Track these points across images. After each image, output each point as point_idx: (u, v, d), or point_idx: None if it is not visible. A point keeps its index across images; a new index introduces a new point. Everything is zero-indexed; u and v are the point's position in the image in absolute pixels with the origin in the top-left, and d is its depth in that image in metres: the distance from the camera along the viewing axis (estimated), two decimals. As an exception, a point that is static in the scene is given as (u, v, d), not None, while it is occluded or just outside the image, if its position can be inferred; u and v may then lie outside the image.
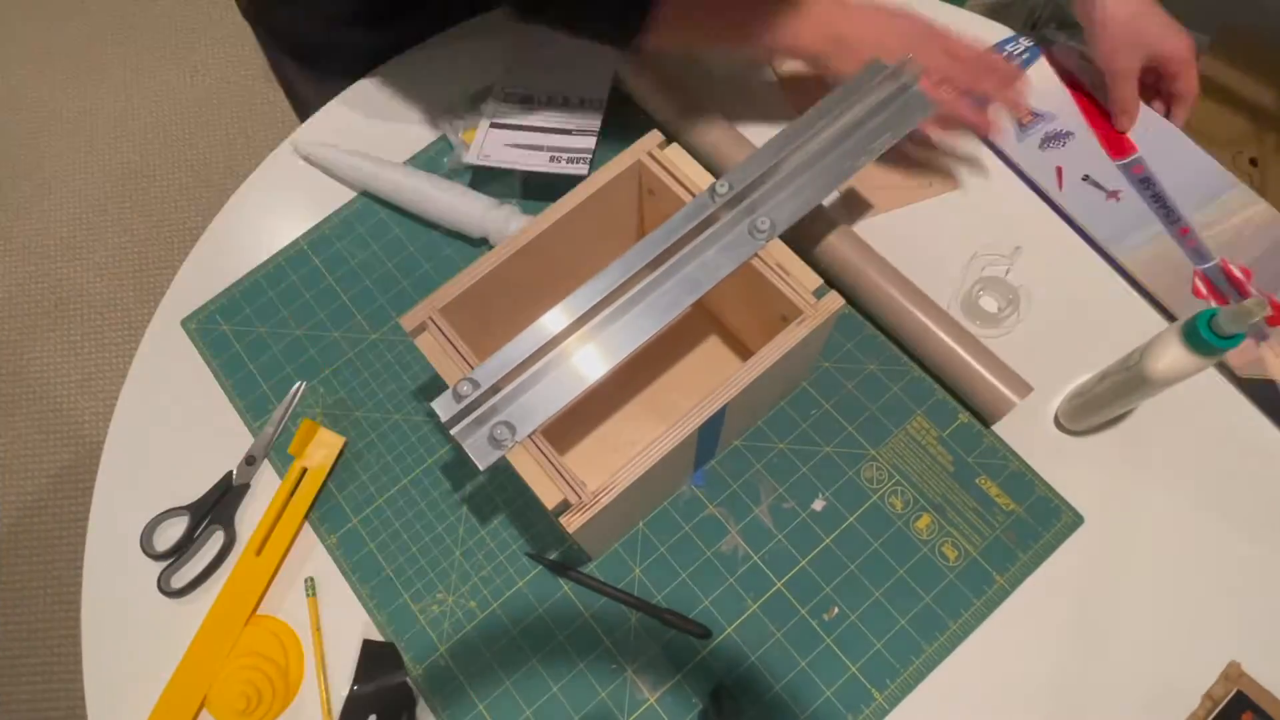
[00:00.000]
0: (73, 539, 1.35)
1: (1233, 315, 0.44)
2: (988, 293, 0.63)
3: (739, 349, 0.63)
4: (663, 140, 0.54)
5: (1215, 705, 0.51)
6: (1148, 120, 0.68)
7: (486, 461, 0.45)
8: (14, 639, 1.29)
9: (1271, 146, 1.13)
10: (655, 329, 0.47)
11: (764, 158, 0.51)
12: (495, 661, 0.55)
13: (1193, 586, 0.55)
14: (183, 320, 0.67)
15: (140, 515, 0.60)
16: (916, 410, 0.60)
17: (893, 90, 0.55)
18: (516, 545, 0.58)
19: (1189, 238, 0.62)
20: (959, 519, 0.57)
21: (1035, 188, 0.67)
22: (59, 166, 1.66)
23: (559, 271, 0.57)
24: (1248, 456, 0.58)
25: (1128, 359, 0.51)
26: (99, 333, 1.50)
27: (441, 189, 0.67)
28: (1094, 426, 0.58)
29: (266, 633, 0.56)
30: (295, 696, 0.55)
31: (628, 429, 0.61)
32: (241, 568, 0.58)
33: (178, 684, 0.55)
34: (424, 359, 0.64)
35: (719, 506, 0.58)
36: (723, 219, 0.50)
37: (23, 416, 1.44)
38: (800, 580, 0.56)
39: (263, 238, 0.70)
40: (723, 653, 0.55)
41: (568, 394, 0.46)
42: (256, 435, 0.63)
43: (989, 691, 0.53)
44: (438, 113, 0.74)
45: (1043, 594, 0.55)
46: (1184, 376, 0.48)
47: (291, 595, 0.58)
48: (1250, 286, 0.61)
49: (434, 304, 0.50)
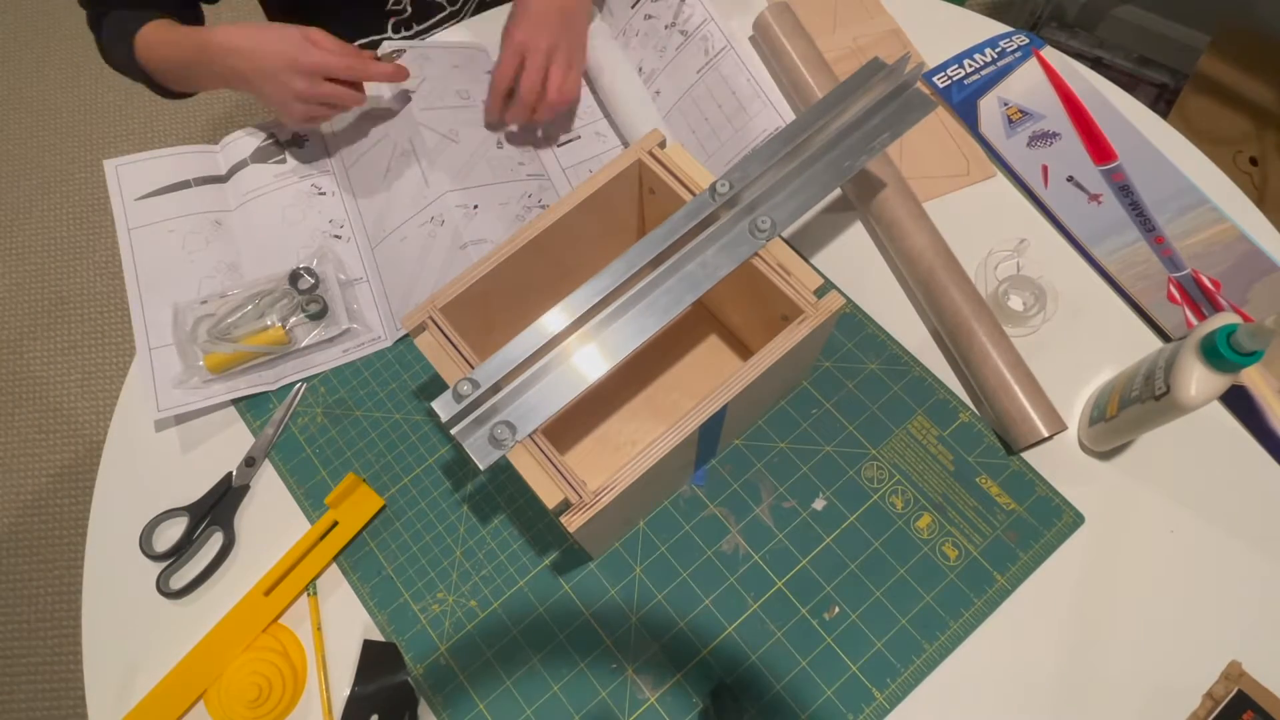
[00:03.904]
0: (73, 539, 1.35)
1: (1252, 333, 0.44)
2: (1015, 291, 0.63)
3: (739, 348, 0.63)
4: (663, 139, 0.54)
5: (1216, 705, 0.51)
6: (1129, 132, 0.69)
7: (487, 461, 0.45)
8: (14, 638, 1.29)
9: (1271, 146, 1.13)
10: (656, 328, 0.47)
11: (764, 157, 0.51)
12: (496, 661, 0.55)
13: (1193, 586, 0.55)
14: (183, 320, 0.67)
15: (140, 515, 0.60)
16: (917, 410, 0.60)
17: (891, 89, 0.55)
18: (517, 545, 0.58)
19: (1164, 246, 0.64)
20: (959, 518, 0.57)
21: (1022, 183, 0.68)
22: (59, 166, 1.66)
23: (559, 271, 0.57)
24: (1248, 457, 0.58)
25: (1146, 386, 0.51)
26: (99, 333, 1.50)
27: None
28: (1117, 447, 0.59)
29: (272, 639, 0.56)
30: (301, 699, 0.55)
31: (628, 428, 0.61)
32: (246, 604, 0.57)
33: (162, 701, 0.54)
34: (424, 358, 0.64)
35: (720, 506, 0.58)
36: (723, 218, 0.50)
37: (23, 416, 1.43)
38: (801, 580, 0.56)
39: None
40: (723, 652, 0.55)
41: (568, 393, 0.46)
42: (256, 436, 0.63)
43: (990, 691, 0.53)
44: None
45: (1043, 593, 0.55)
46: (1214, 397, 0.48)
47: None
48: (1219, 297, 0.62)
49: (434, 304, 0.50)
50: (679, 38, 0.73)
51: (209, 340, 0.63)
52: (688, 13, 0.73)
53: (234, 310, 0.64)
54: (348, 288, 0.67)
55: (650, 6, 0.75)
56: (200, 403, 0.63)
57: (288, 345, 0.63)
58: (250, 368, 0.64)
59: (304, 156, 0.72)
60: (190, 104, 1.71)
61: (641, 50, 0.74)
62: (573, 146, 0.72)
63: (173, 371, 0.63)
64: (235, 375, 0.64)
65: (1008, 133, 0.70)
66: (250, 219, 0.70)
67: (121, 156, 0.70)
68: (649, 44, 0.74)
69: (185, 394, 0.63)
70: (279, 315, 0.64)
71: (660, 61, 0.73)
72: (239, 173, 0.72)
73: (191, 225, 0.69)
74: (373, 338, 0.65)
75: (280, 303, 0.64)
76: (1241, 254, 0.64)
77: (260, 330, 0.63)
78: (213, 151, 0.73)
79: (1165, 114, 1.19)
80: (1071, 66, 0.73)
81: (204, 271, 0.67)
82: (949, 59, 0.74)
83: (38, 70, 1.77)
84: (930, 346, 0.63)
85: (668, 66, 0.73)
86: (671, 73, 0.72)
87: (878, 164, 0.65)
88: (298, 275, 0.65)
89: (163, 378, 0.63)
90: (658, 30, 0.74)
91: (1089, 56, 1.36)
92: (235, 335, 0.63)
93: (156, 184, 0.70)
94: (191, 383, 0.63)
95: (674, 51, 0.73)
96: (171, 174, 0.71)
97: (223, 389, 0.63)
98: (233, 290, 0.66)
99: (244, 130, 0.73)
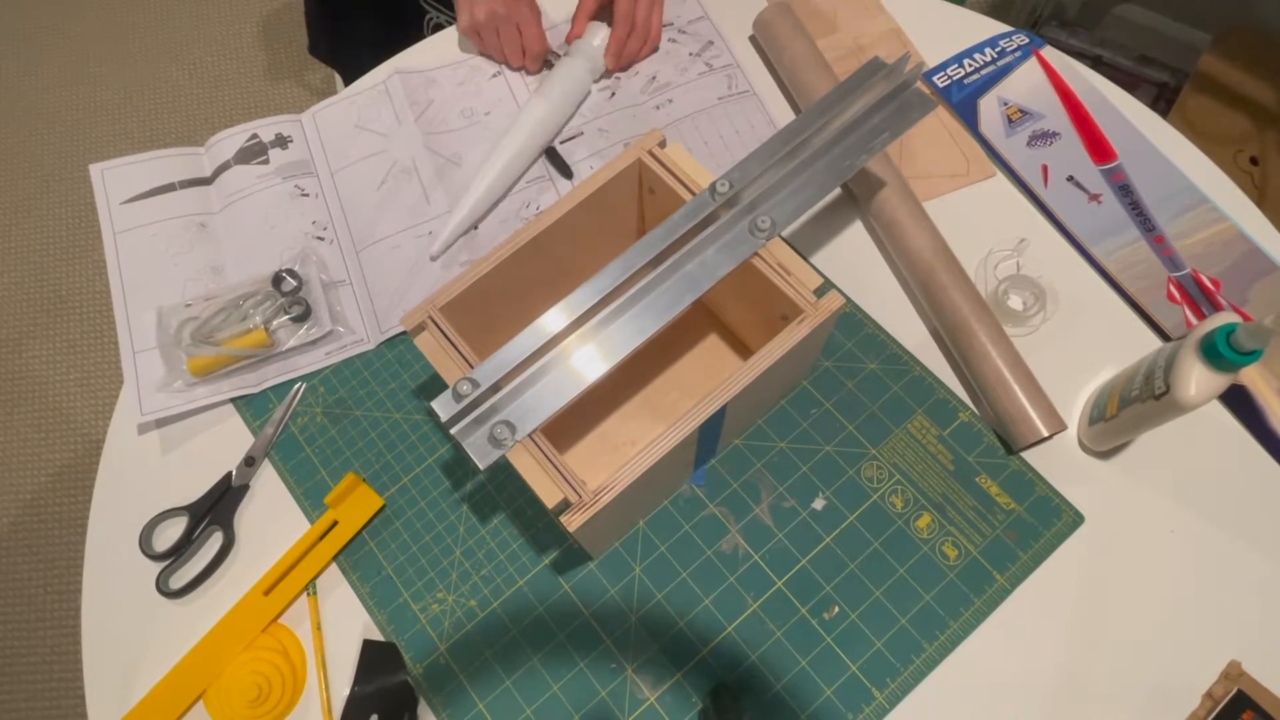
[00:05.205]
0: (73, 538, 1.35)
1: (1251, 332, 0.44)
2: (1015, 291, 0.63)
3: (739, 348, 0.62)
4: (663, 139, 0.54)
5: (1216, 704, 0.51)
6: (1129, 131, 0.69)
7: (486, 461, 0.45)
8: (14, 637, 1.29)
9: (1272, 145, 1.13)
10: (655, 328, 0.47)
11: (764, 156, 0.51)
12: (496, 661, 0.55)
13: (1193, 585, 0.55)
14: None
15: (140, 515, 0.60)
16: (917, 409, 0.60)
17: (891, 88, 0.55)
18: (516, 545, 0.58)
19: (1164, 246, 0.64)
20: (959, 518, 0.57)
21: (1022, 183, 0.68)
22: (59, 166, 1.66)
23: (559, 271, 0.57)
24: (1248, 457, 0.58)
25: (1146, 385, 0.51)
26: (98, 332, 1.50)
27: (549, 92, 0.70)
28: (1117, 447, 0.59)
29: (272, 638, 0.56)
30: (300, 699, 0.55)
31: (628, 428, 0.61)
32: (246, 604, 0.57)
33: (162, 701, 0.54)
34: (424, 358, 0.64)
35: (719, 505, 0.58)
36: (723, 217, 0.50)
37: (22, 416, 1.43)
38: (800, 579, 0.56)
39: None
40: (722, 652, 0.55)
41: (568, 393, 0.46)
42: (256, 436, 0.63)
43: (990, 690, 0.53)
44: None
45: (1043, 593, 0.55)
46: (1214, 396, 0.48)
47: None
48: (1219, 297, 0.62)
49: (434, 303, 0.50)
50: (703, 67, 0.75)
51: (192, 344, 0.63)
52: (715, 52, 0.76)
53: (217, 313, 0.64)
54: (330, 290, 0.67)
55: (676, 34, 0.77)
56: (184, 406, 0.62)
57: (270, 348, 0.63)
58: (234, 370, 0.64)
59: (287, 157, 0.72)
60: (190, 104, 1.71)
61: (659, 65, 0.76)
62: (573, 144, 0.72)
63: (157, 375, 0.63)
64: (219, 378, 0.64)
65: (1007, 132, 0.70)
66: (234, 221, 0.70)
67: (106, 161, 0.70)
68: (669, 60, 0.76)
69: (169, 397, 0.63)
70: (262, 317, 0.64)
71: (680, 78, 0.75)
72: (223, 174, 0.71)
73: (176, 228, 0.69)
74: (355, 340, 0.65)
75: (263, 305, 0.64)
76: (1241, 253, 0.64)
77: (243, 333, 0.63)
78: (198, 153, 0.73)
79: (1165, 113, 1.19)
80: (1071, 66, 0.73)
81: (188, 274, 0.67)
82: (949, 59, 0.74)
83: (37, 70, 1.77)
84: (930, 346, 0.63)
85: (686, 84, 0.74)
86: (689, 89, 0.74)
87: (878, 164, 0.65)
88: (280, 277, 0.65)
89: (147, 381, 0.63)
90: (681, 54, 0.76)
91: (1089, 55, 1.36)
92: (218, 338, 0.63)
93: (142, 187, 0.70)
94: (175, 386, 0.63)
95: (695, 75, 0.75)
96: (156, 177, 0.71)
97: (206, 392, 0.63)
98: (216, 293, 0.66)
99: (228, 130, 0.73)
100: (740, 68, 0.75)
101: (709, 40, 0.76)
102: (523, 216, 0.69)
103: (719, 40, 0.76)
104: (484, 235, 0.68)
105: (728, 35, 0.77)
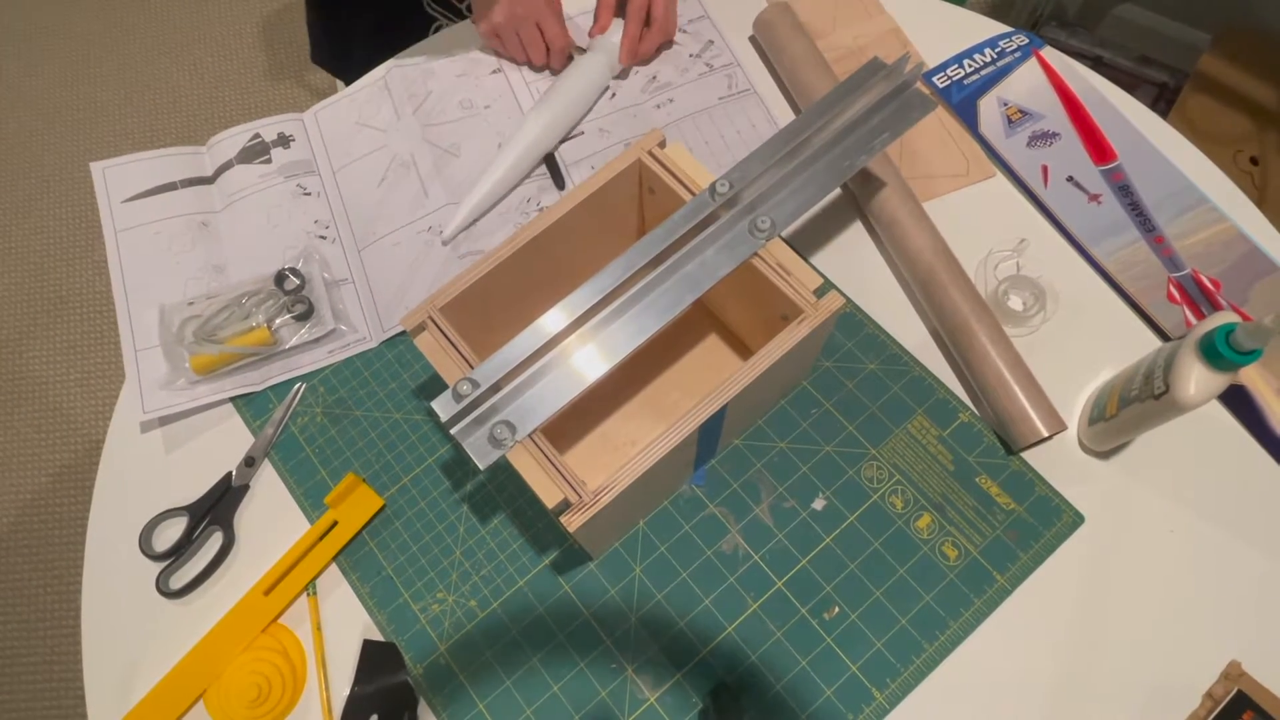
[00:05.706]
0: (73, 539, 1.35)
1: (1250, 332, 0.44)
2: (1015, 291, 0.63)
3: (739, 348, 0.63)
4: (663, 139, 0.54)
5: (1216, 705, 0.51)
6: (1128, 132, 0.69)
7: (486, 461, 0.45)
8: (14, 637, 1.29)
9: (1272, 145, 1.13)
10: (655, 328, 0.47)
11: (764, 156, 0.51)
12: (496, 661, 0.55)
13: (1193, 586, 0.55)
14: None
15: (140, 515, 0.60)
16: (917, 409, 0.60)
17: (891, 89, 0.55)
18: (516, 545, 0.58)
19: (1164, 246, 0.64)
20: (959, 518, 0.57)
21: (1022, 183, 0.68)
22: (59, 165, 1.66)
23: (559, 271, 0.57)
24: (1248, 457, 0.58)
25: (1145, 385, 0.51)
26: (98, 332, 1.50)
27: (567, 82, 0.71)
28: (1117, 447, 0.59)
29: (272, 638, 0.56)
30: (301, 699, 0.55)
31: (628, 428, 0.61)
32: (246, 604, 0.57)
33: (162, 701, 0.54)
34: (424, 358, 0.64)
35: (719, 506, 0.58)
36: (723, 218, 0.50)
37: (22, 416, 1.43)
38: (801, 579, 0.56)
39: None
40: (722, 652, 0.55)
41: (568, 393, 0.46)
42: (256, 436, 0.63)
43: (990, 691, 0.53)
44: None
45: (1043, 593, 0.55)
46: (1213, 396, 0.48)
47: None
48: (1219, 297, 0.62)
49: (434, 303, 0.50)
50: (704, 68, 0.75)
51: (195, 342, 0.63)
52: (715, 52, 0.76)
53: (220, 311, 0.64)
54: (333, 288, 0.67)
55: (677, 34, 0.77)
56: (186, 404, 0.62)
57: (273, 346, 0.63)
58: (237, 369, 0.64)
59: (290, 157, 0.72)
60: (191, 104, 1.71)
61: (660, 65, 0.76)
62: (573, 144, 0.72)
63: (159, 373, 0.63)
64: (222, 376, 0.64)
65: (1007, 133, 0.70)
66: (236, 220, 0.70)
67: (108, 159, 0.70)
68: (670, 60, 0.76)
69: (171, 395, 0.63)
70: (264, 316, 0.64)
71: (680, 78, 0.75)
72: (225, 173, 0.71)
73: (178, 227, 0.69)
74: (358, 338, 0.65)
75: (266, 303, 0.64)
76: (1241, 254, 0.64)
77: (246, 331, 0.63)
78: (199, 152, 0.73)
79: (1165, 113, 1.19)
80: (1071, 66, 0.73)
81: (190, 273, 0.67)
82: (949, 59, 0.74)
83: (37, 70, 1.77)
84: (930, 346, 0.63)
85: (687, 84, 0.74)
86: (690, 89, 0.74)
87: (878, 164, 0.65)
88: (283, 276, 0.65)
89: (149, 380, 0.63)
90: (681, 55, 0.76)
91: (1089, 55, 1.36)
92: (221, 336, 0.63)
93: (143, 186, 0.70)
94: (178, 384, 0.63)
95: (696, 75, 0.75)
96: (158, 176, 0.71)
97: (209, 390, 0.63)
98: (219, 291, 0.66)
99: (231, 130, 0.73)
100: (741, 67, 0.75)
101: (709, 40, 0.76)
102: (524, 211, 0.69)
103: (719, 40, 0.76)
104: (482, 227, 0.68)
105: (728, 35, 0.77)
